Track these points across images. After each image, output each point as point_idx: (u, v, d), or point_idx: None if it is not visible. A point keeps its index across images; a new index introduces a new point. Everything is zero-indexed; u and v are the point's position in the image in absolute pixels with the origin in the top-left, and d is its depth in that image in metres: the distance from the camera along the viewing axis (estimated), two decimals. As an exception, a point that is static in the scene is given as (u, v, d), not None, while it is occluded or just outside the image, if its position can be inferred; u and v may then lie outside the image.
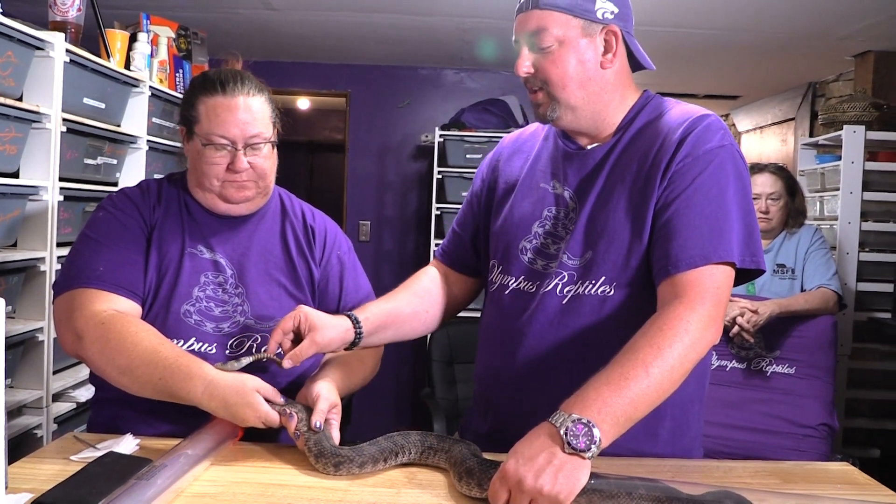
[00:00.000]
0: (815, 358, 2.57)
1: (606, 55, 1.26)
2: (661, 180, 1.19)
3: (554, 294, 1.26)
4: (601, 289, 1.23)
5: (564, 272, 1.26)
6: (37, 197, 1.87)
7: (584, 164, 1.31)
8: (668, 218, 1.18)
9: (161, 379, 1.22)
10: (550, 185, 1.34)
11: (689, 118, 1.24)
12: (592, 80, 1.25)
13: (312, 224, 1.56)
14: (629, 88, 1.32)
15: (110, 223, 1.39)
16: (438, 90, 4.48)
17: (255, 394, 1.19)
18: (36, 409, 1.90)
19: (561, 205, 1.31)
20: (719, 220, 1.16)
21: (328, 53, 4.21)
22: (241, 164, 1.38)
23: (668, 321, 1.09)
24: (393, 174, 4.51)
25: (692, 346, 1.08)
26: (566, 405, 1.03)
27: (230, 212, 1.44)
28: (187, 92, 1.45)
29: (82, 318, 1.29)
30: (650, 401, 1.05)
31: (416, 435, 1.20)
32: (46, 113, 1.86)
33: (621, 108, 1.30)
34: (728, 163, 1.19)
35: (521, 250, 1.33)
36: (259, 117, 1.41)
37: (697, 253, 1.14)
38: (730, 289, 1.17)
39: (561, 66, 1.23)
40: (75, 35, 2.00)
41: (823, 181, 3.48)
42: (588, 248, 1.25)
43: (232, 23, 3.52)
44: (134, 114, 2.38)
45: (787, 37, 3.49)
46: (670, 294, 1.14)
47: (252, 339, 1.41)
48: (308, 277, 1.50)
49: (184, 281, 1.39)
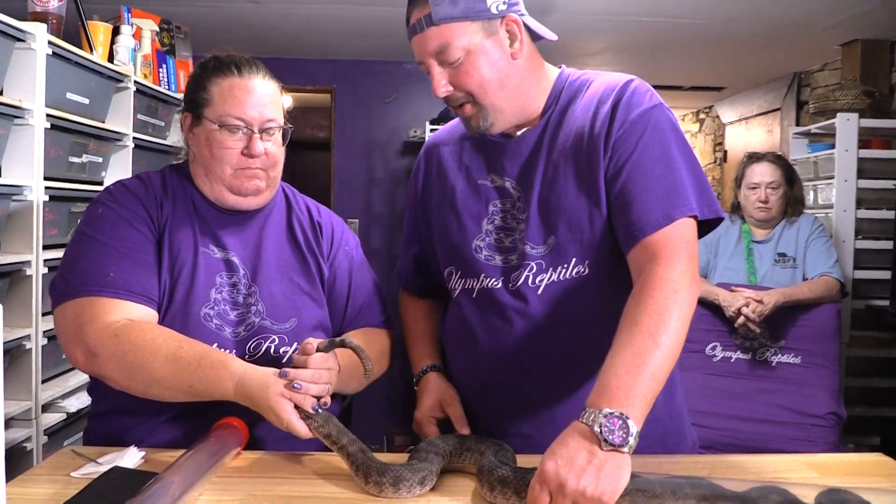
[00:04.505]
0: (820, 346, 2.55)
1: (513, 45, 1.22)
2: (605, 150, 1.19)
3: (528, 286, 1.23)
4: (575, 270, 1.22)
5: (532, 262, 1.23)
6: (21, 197, 1.77)
7: (518, 151, 1.28)
8: (622, 185, 1.17)
9: (191, 387, 1.16)
10: (488, 179, 1.31)
11: (615, 86, 1.23)
12: (510, 75, 1.22)
13: (319, 219, 1.49)
14: (542, 68, 1.30)
15: (114, 220, 1.29)
16: (424, 84, 4.37)
17: (279, 399, 1.12)
18: (24, 422, 1.81)
19: (506, 196, 1.28)
20: (671, 177, 1.16)
21: (312, 49, 4.13)
22: (258, 148, 1.31)
23: (654, 285, 1.08)
24: (381, 171, 4.43)
25: (686, 302, 1.07)
26: (592, 401, 0.99)
27: (239, 205, 1.36)
28: (195, 75, 1.37)
29: (93, 332, 1.19)
30: (666, 370, 1.03)
31: (452, 438, 1.15)
32: (29, 108, 1.76)
33: (541, 90, 1.28)
34: (663, 121, 1.20)
35: (475, 250, 1.30)
36: (274, 101, 1.35)
37: (660, 214, 1.14)
38: (697, 241, 1.17)
39: (476, 73, 1.20)
40: (57, 26, 1.91)
41: (817, 170, 3.46)
42: (549, 232, 1.23)
43: (215, 17, 3.42)
44: (119, 110, 2.28)
45: (772, 27, 3.46)
46: (644, 258, 1.13)
47: (269, 341, 1.33)
48: (318, 273, 1.44)
49: (200, 282, 1.31)
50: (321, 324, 1.42)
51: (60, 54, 1.88)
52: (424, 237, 1.43)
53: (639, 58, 4.19)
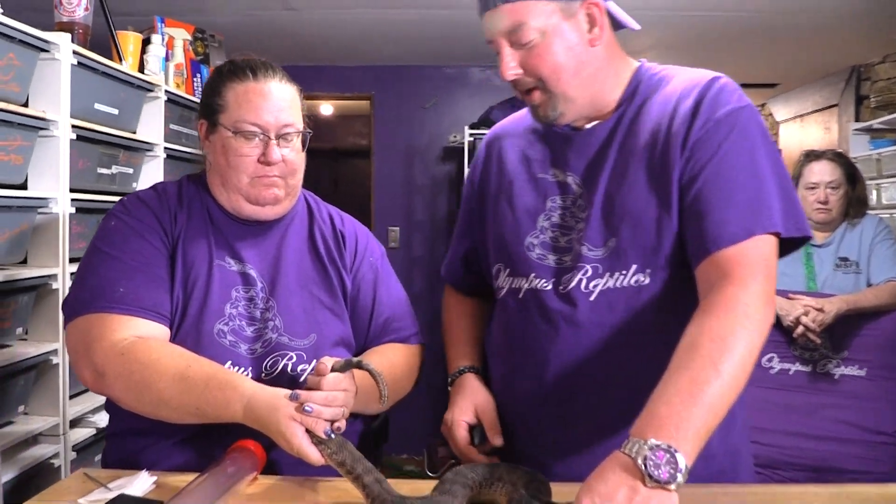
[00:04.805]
0: (886, 358, 2.36)
1: (593, 30, 1.13)
2: (682, 151, 1.08)
3: (579, 291, 1.13)
4: (634, 278, 1.11)
5: (587, 265, 1.13)
6: (46, 209, 1.74)
7: (586, 145, 1.18)
8: (698, 192, 1.06)
9: (198, 408, 1.10)
10: (550, 173, 1.21)
11: (700, 82, 1.13)
12: (586, 63, 1.13)
13: (342, 229, 1.42)
14: (621, 59, 1.20)
15: (126, 233, 1.25)
16: (465, 89, 4.33)
17: (289, 422, 1.05)
18: (52, 438, 1.78)
19: (567, 192, 1.19)
20: (755, 187, 1.05)
21: (350, 55, 4.09)
22: (274, 155, 1.24)
23: (722, 306, 0.97)
24: (421, 177, 4.36)
25: (756, 329, 0.96)
26: (637, 429, 0.89)
27: (257, 215, 1.30)
28: (211, 80, 1.32)
29: (101, 350, 1.14)
30: (727, 402, 0.92)
31: (481, 467, 1.07)
32: (54, 119, 1.73)
33: (618, 82, 1.19)
34: (751, 124, 1.09)
35: (527, 247, 1.20)
36: (292, 106, 1.28)
37: (738, 227, 1.03)
38: (776, 261, 1.04)
39: (550, 58, 1.11)
40: (83, 36, 1.88)
41: (880, 167, 3.26)
42: (610, 234, 1.12)
43: (250, 25, 3.41)
44: (150, 120, 2.26)
45: (828, 18, 3.28)
46: (715, 274, 1.02)
47: (287, 358, 1.26)
48: (340, 286, 1.36)
49: (214, 297, 1.25)
50: (343, 340, 1.35)
51: (87, 64, 1.86)
52: (477, 232, 1.34)
53: (687, 55, 4.03)
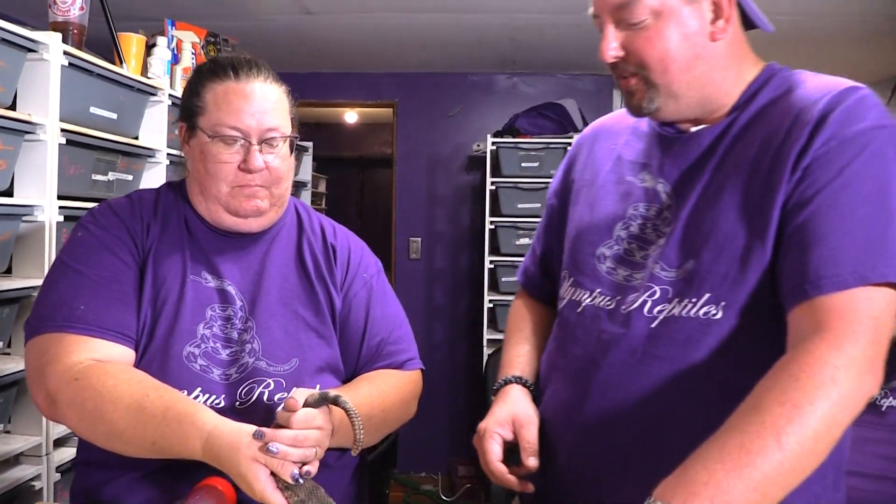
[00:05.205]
0: (940, 389, 2.16)
1: (717, 22, 0.96)
2: (793, 171, 0.90)
3: (641, 315, 0.97)
4: (704, 309, 0.93)
5: (656, 287, 0.97)
6: (31, 217, 1.65)
7: (686, 151, 1.01)
8: (806, 221, 0.87)
9: (154, 443, 0.99)
10: (639, 177, 1.05)
11: (832, 90, 0.93)
12: (701, 57, 0.97)
13: (333, 242, 1.30)
14: (746, 60, 1.02)
15: (92, 245, 1.15)
16: (490, 97, 4.21)
17: (250, 464, 0.93)
18: (34, 458, 1.68)
19: (653, 201, 1.03)
20: (881, 224, 0.85)
21: (372, 61, 3.99)
22: (256, 162, 1.13)
23: (806, 365, 0.79)
24: (444, 187, 4.24)
25: (843, 402, 0.78)
26: (663, 490, 0.75)
27: (238, 227, 1.19)
28: (190, 79, 1.21)
29: (55, 374, 1.04)
30: (785, 483, 0.75)
31: None
32: (41, 122, 1.64)
33: (735, 84, 1.01)
34: (889, 148, 0.89)
35: (598, 258, 1.05)
36: (277, 108, 1.17)
37: (849, 269, 0.83)
38: (892, 320, 0.84)
39: (659, 44, 0.96)
40: (78, 37, 1.80)
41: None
42: (688, 256, 0.96)
43: (267, 30, 3.32)
44: (152, 125, 2.17)
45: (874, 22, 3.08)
46: (809, 325, 0.84)
47: (263, 385, 1.14)
48: (329, 305, 1.24)
49: (186, 316, 1.14)
50: (329, 365, 1.22)
51: (80, 66, 1.77)
52: (556, 233, 1.20)
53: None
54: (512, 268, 3.53)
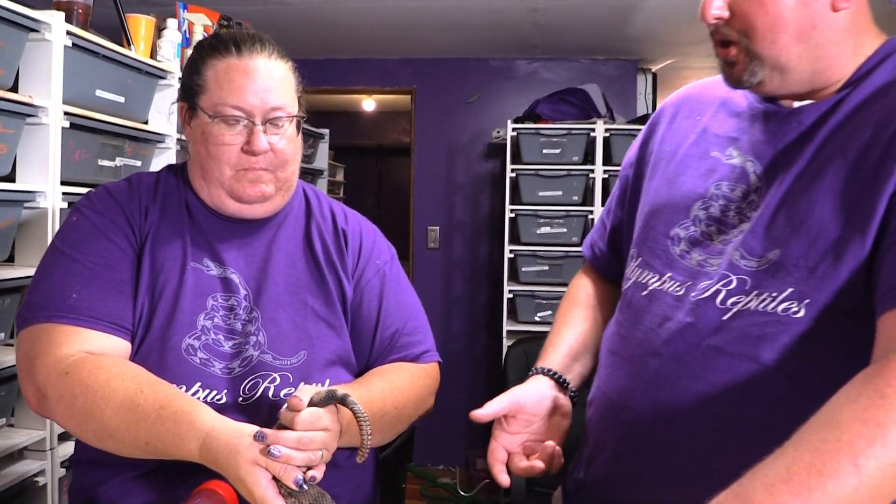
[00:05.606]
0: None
1: None
2: None
3: (713, 304, 0.89)
4: (784, 305, 0.84)
5: (733, 276, 0.88)
6: (33, 204, 1.59)
7: (784, 129, 0.91)
8: None
9: (148, 443, 0.93)
10: (726, 152, 0.95)
11: None
12: (818, 28, 0.86)
13: (344, 227, 1.23)
14: (867, 33, 0.91)
15: (87, 231, 1.08)
16: (511, 82, 4.10)
17: (251, 468, 0.87)
18: (38, 453, 1.63)
19: (740, 181, 0.93)
20: None
21: (390, 47, 3.91)
22: (259, 144, 1.06)
23: (893, 378, 0.69)
24: (462, 175, 4.15)
25: None
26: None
27: (241, 213, 1.12)
28: (191, 57, 1.14)
29: (44, 367, 0.98)
30: None
31: None
32: (43, 105, 1.58)
33: (850, 60, 0.89)
34: None
35: (672, 239, 0.96)
36: (282, 86, 1.09)
37: None
38: None
39: (773, 8, 0.85)
40: (83, 17, 1.73)
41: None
42: (774, 245, 0.86)
43: (283, 14, 3.25)
44: (162, 109, 2.10)
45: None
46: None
47: (269, 380, 1.07)
48: (339, 294, 1.17)
49: (185, 306, 1.07)
50: (340, 358, 1.15)
51: (85, 47, 1.71)
52: (628, 208, 1.11)
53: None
54: (532, 257, 3.44)
